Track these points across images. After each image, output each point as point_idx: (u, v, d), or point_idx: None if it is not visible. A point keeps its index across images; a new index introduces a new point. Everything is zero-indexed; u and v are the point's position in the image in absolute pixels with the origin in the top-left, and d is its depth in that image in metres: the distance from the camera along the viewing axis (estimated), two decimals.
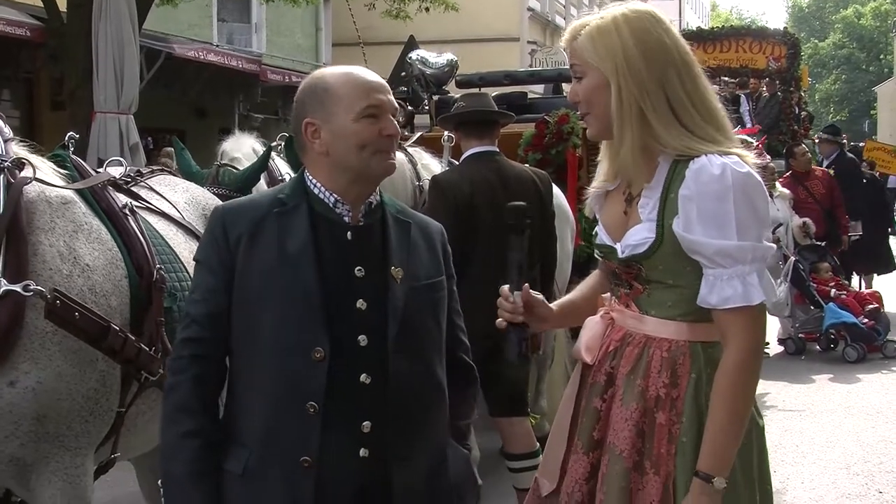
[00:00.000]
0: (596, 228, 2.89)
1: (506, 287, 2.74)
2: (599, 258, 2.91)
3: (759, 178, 2.55)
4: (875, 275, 14.26)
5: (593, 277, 3.00)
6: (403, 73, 9.45)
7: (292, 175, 5.75)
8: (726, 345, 2.54)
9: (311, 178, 2.72)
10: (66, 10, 11.90)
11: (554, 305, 2.90)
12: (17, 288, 3.08)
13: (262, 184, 5.74)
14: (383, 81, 2.73)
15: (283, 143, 6.61)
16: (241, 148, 5.74)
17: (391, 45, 14.40)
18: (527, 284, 2.77)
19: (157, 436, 3.81)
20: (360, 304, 2.63)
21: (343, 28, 24.48)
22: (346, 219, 2.68)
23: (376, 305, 2.64)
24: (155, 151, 15.30)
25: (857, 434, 7.94)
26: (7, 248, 3.12)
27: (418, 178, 6.40)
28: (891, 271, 14.30)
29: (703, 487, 2.50)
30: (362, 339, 2.62)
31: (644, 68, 2.59)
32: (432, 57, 9.56)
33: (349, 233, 2.68)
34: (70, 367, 3.19)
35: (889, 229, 14.81)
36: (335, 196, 2.68)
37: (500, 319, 2.75)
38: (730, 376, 2.51)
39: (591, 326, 2.84)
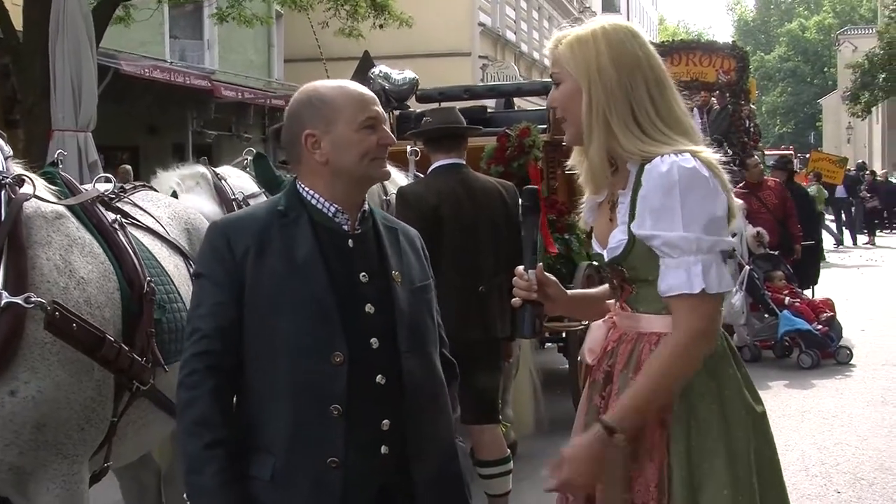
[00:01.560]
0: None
1: (520, 267, 2.85)
2: (592, 268, 3.03)
3: (707, 173, 2.65)
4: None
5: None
6: None
7: (245, 193, 5.76)
8: (674, 330, 2.66)
9: (305, 188, 2.82)
10: (21, 29, 11.87)
11: (569, 292, 3.01)
12: (19, 300, 3.15)
13: (214, 207, 5.65)
14: (374, 94, 2.87)
15: (248, 158, 6.63)
16: (160, 188, 5.67)
17: (345, 60, 14.42)
18: (540, 264, 2.89)
19: (143, 445, 3.90)
20: (369, 308, 2.75)
21: (295, 45, 24.57)
22: (346, 227, 2.80)
23: (382, 309, 2.76)
24: (109, 170, 15.21)
25: (814, 437, 8.11)
26: (7, 261, 3.19)
27: (385, 192, 6.47)
28: (812, 284, 13.96)
29: (601, 434, 2.63)
30: (374, 342, 2.74)
31: (614, 77, 2.72)
32: (394, 73, 9.65)
33: (350, 241, 2.79)
34: (68, 376, 3.26)
35: (814, 241, 14.40)
36: (335, 206, 2.79)
37: (515, 298, 2.86)
38: (664, 356, 2.64)
39: (595, 330, 2.97)
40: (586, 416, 2.89)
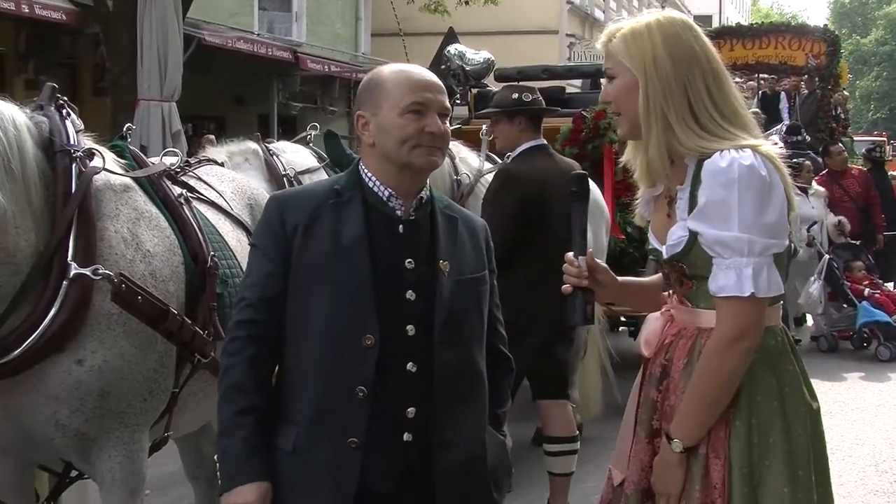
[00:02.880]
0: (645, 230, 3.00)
1: (570, 254, 2.84)
2: (653, 261, 3.01)
3: (767, 171, 2.61)
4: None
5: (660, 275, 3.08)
6: (443, 66, 9.56)
7: (297, 170, 5.81)
8: (715, 329, 2.65)
9: (365, 169, 2.83)
10: None
11: (620, 279, 3.01)
12: (87, 272, 3.24)
13: (261, 184, 5.66)
14: (437, 82, 2.82)
15: (312, 133, 6.71)
16: (219, 156, 5.72)
17: (431, 35, 14.50)
18: (590, 249, 2.88)
19: (202, 416, 3.99)
20: (410, 294, 2.75)
21: (382, 18, 24.63)
22: (399, 212, 2.79)
23: (424, 297, 2.75)
24: (195, 138, 15.46)
25: (887, 432, 7.99)
26: (77, 233, 3.29)
27: (456, 171, 6.46)
28: None
29: (665, 446, 2.68)
30: (410, 329, 2.73)
31: (670, 70, 2.69)
32: (470, 53, 9.67)
33: (401, 226, 2.79)
34: (132, 347, 3.36)
35: None
36: (389, 190, 2.79)
37: (565, 285, 2.85)
38: (704, 358, 2.64)
39: (651, 322, 2.95)
40: (640, 409, 2.89)
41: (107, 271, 3.28)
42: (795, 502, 2.65)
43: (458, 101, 9.30)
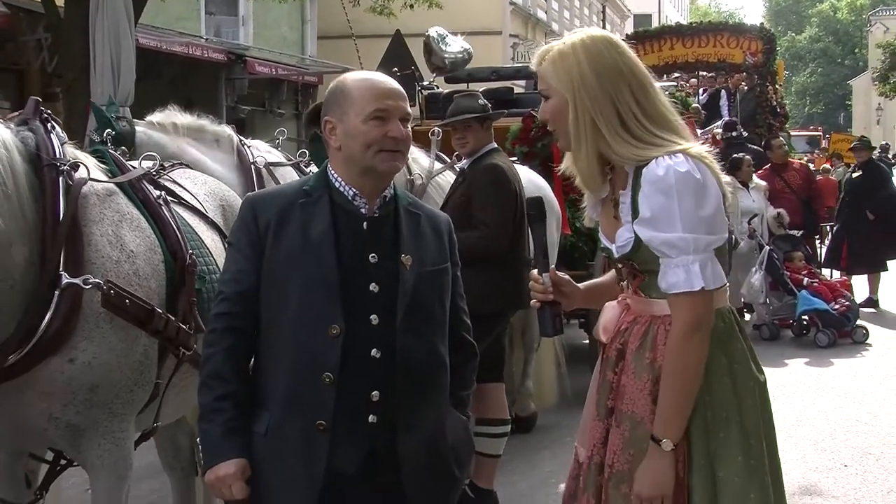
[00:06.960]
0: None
1: (534, 271, 3.07)
2: (605, 257, 3.25)
3: (700, 174, 2.83)
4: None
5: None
6: (396, 70, 9.75)
7: (267, 160, 6.05)
8: (673, 324, 2.87)
9: (332, 171, 3.04)
10: (62, 5, 12.14)
11: (581, 286, 3.23)
12: (78, 281, 3.44)
13: (231, 174, 5.80)
14: (399, 89, 3.03)
15: (281, 138, 6.92)
16: (166, 118, 5.89)
17: (377, 37, 14.60)
18: (552, 266, 3.11)
19: (181, 407, 4.19)
20: (373, 287, 2.96)
21: (328, 21, 24.71)
22: (363, 210, 3.01)
23: (387, 288, 2.96)
24: None
25: (826, 413, 8.33)
26: (66, 243, 3.47)
27: (409, 171, 6.65)
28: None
29: (654, 449, 2.86)
30: (374, 319, 2.94)
31: (596, 86, 2.90)
32: (451, 40, 9.79)
33: (365, 223, 3.00)
34: (120, 342, 3.55)
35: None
36: (354, 189, 3.00)
37: (533, 301, 3.08)
38: (670, 353, 2.86)
39: (609, 311, 3.18)
40: (599, 391, 3.10)
41: (96, 280, 3.46)
42: (749, 468, 2.89)
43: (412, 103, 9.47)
